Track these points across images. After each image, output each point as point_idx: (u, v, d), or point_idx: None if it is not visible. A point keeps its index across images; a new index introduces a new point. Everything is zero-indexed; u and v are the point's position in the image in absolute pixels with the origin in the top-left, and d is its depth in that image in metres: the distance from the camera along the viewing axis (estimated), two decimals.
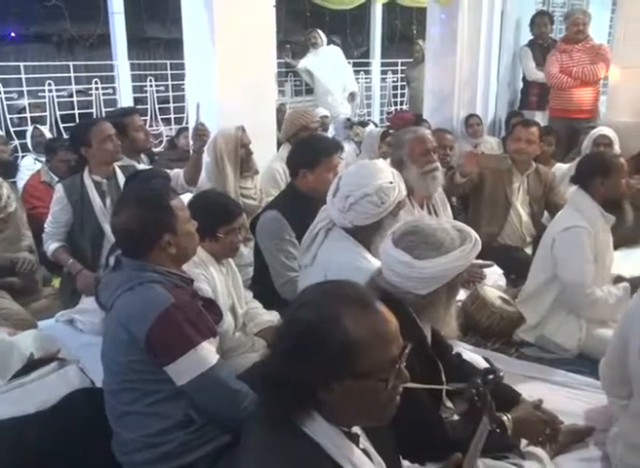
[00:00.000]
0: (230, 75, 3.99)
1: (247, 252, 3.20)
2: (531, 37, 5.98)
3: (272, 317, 2.58)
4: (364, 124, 6.18)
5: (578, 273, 2.66)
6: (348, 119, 6.50)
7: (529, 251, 3.58)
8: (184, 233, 1.86)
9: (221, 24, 3.88)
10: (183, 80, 5.51)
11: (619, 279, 2.92)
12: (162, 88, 6.76)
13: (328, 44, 7.49)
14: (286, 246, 2.72)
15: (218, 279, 2.28)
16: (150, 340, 1.69)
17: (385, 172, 2.26)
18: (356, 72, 8.04)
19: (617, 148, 3.94)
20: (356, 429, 1.21)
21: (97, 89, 5.71)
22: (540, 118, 5.74)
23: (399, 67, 8.33)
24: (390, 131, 4.60)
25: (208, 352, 1.76)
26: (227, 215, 2.38)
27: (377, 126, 5.88)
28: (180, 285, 1.84)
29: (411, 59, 7.80)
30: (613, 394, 2.03)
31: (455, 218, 3.33)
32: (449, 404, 1.84)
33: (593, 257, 2.68)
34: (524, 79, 6.11)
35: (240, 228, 2.43)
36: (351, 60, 8.33)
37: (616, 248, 3.32)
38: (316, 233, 2.31)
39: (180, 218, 1.84)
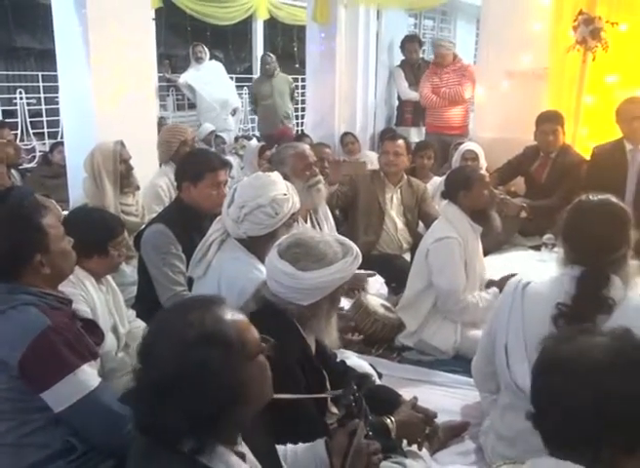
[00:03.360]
0: (107, 88, 3.88)
1: (130, 270, 3.11)
2: (403, 58, 6.31)
3: None
4: (248, 138, 6.22)
5: (450, 281, 2.84)
6: (213, 131, 6.49)
7: (407, 257, 3.77)
8: (58, 252, 1.78)
9: (97, 36, 3.77)
10: (57, 92, 5.27)
11: (490, 283, 3.13)
12: (34, 100, 6.42)
13: (210, 59, 7.49)
14: (172, 259, 2.68)
15: (97, 298, 2.20)
16: (24, 366, 1.61)
17: (279, 184, 2.32)
18: (239, 87, 8.07)
19: (482, 162, 4.24)
20: (242, 448, 1.22)
21: None
22: (416, 134, 6.08)
23: None
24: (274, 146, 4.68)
25: (88, 375, 1.69)
26: (114, 229, 2.32)
27: (259, 140, 5.93)
28: (57, 306, 1.76)
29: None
30: (484, 389, 2.19)
31: (337, 230, 3.44)
32: (334, 409, 1.90)
33: (464, 266, 2.88)
34: (399, 97, 6.42)
35: (123, 242, 2.37)
36: (234, 76, 8.37)
37: (486, 254, 3.59)
38: (210, 244, 2.31)
39: (52, 236, 1.76)
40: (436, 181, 4.37)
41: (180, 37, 10.06)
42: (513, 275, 3.00)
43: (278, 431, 1.54)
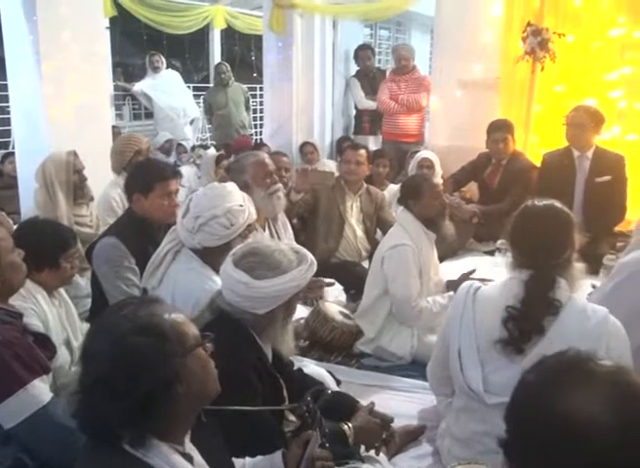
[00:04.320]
0: (60, 97, 3.83)
1: (84, 282, 3.06)
2: (358, 68, 6.36)
3: None
4: (205, 147, 6.18)
5: (405, 288, 2.88)
6: (170, 139, 6.46)
7: (366, 264, 3.81)
8: (8, 264, 1.75)
9: (48, 45, 3.73)
10: (8, 102, 5.16)
11: (450, 284, 3.13)
12: None
13: (167, 68, 7.43)
14: (125, 273, 2.64)
15: (49, 312, 2.15)
16: None
17: (235, 194, 2.32)
18: (197, 97, 8.03)
19: (438, 169, 4.32)
20: (190, 450, 1.22)
21: None
22: (373, 142, 6.14)
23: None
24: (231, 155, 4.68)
25: (39, 390, 1.66)
26: (66, 241, 2.29)
27: (217, 149, 5.90)
28: (8, 320, 1.73)
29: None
30: (439, 393, 2.23)
31: (296, 238, 3.46)
32: (291, 417, 1.91)
33: (418, 272, 2.92)
34: (356, 106, 6.48)
35: (75, 254, 2.34)
36: (191, 85, 8.32)
37: (442, 260, 3.65)
38: (164, 255, 2.30)
39: (1, 249, 1.73)
40: (392, 189, 4.44)
41: (136, 46, 9.96)
42: (472, 272, 3.10)
43: (235, 441, 1.54)
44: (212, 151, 5.24)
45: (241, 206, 2.27)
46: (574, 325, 1.79)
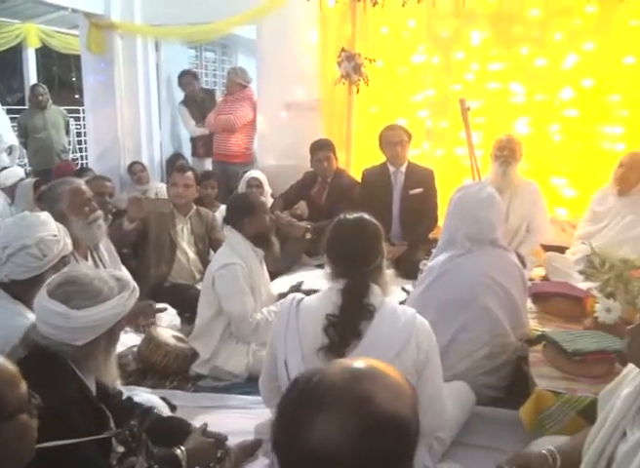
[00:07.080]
0: None
1: None
2: (184, 94, 6.23)
3: None
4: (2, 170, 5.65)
5: (240, 305, 2.93)
6: None
7: (200, 286, 3.78)
8: None
9: None
10: None
11: (281, 296, 3.23)
12: None
13: None
14: None
15: None
16: None
17: (49, 224, 2.22)
18: (12, 119, 7.46)
19: (267, 188, 4.45)
20: None
21: None
22: (210, 164, 6.11)
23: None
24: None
25: None
26: None
27: (28, 175, 5.48)
28: None
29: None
30: (272, 405, 2.28)
31: (126, 265, 3.36)
32: (120, 448, 1.85)
33: (250, 289, 2.99)
34: None
35: None
36: (4, 107, 7.73)
37: (277, 275, 3.75)
38: None
39: None
40: (223, 210, 4.47)
41: None
42: (300, 283, 3.22)
43: None
44: (13, 173, 4.88)
45: (55, 236, 2.17)
46: (387, 326, 1.94)
